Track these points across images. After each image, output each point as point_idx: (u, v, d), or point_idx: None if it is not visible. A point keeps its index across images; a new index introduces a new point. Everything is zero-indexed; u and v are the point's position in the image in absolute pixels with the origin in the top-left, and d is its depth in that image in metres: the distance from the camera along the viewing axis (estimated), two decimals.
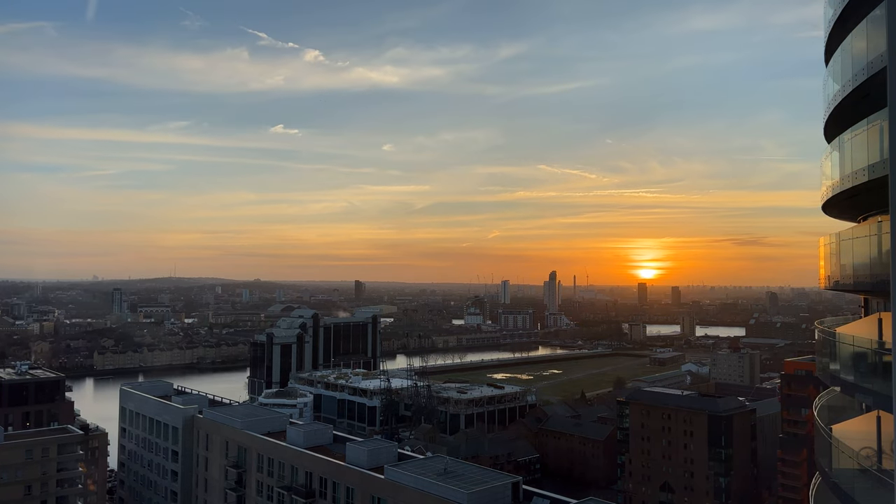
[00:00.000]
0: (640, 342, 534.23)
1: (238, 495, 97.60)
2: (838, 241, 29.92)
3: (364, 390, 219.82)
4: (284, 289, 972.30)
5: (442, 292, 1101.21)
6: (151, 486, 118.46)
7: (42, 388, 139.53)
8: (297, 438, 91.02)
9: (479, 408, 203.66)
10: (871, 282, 26.07)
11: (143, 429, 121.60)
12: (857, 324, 32.82)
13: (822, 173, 32.54)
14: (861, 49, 25.72)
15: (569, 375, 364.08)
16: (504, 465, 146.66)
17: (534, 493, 71.81)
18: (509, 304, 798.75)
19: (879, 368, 24.68)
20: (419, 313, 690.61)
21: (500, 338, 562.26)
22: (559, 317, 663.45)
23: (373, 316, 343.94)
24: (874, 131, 25.01)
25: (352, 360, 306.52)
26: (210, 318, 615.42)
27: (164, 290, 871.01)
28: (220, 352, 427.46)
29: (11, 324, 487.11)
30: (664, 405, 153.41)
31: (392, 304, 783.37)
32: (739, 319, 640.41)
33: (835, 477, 27.36)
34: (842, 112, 29.09)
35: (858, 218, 33.33)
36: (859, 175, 26.24)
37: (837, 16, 28.60)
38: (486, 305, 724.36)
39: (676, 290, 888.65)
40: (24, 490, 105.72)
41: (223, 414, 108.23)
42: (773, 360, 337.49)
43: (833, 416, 32.26)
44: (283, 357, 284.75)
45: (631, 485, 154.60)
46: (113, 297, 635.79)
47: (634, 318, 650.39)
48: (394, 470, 73.81)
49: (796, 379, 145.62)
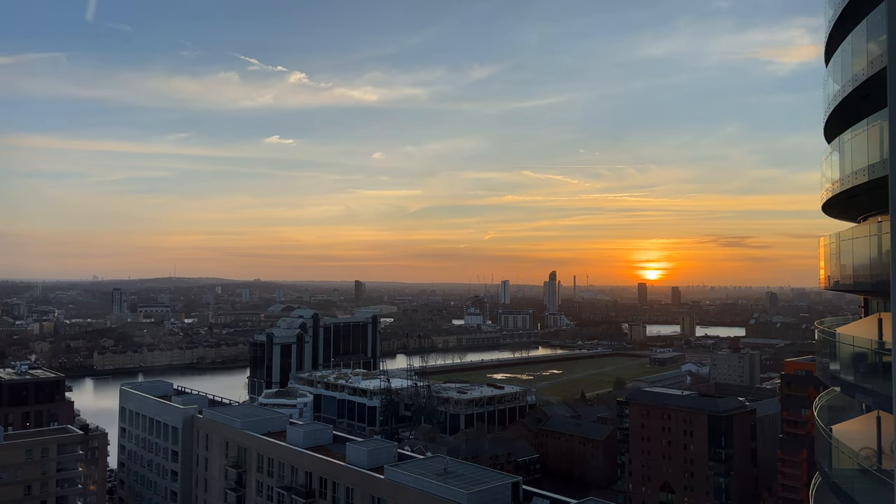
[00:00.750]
0: (640, 342, 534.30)
1: (238, 495, 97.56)
2: (838, 242, 29.90)
3: (364, 390, 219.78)
4: (284, 289, 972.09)
5: (442, 292, 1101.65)
6: (151, 486, 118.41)
7: (42, 388, 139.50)
8: (297, 438, 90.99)
9: (479, 408, 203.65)
10: (871, 282, 26.07)
11: (142, 429, 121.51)
12: (857, 324, 32.80)
13: (822, 174, 32.53)
14: (861, 49, 25.72)
15: (569, 375, 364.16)
16: (504, 465, 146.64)
17: (534, 493, 71.78)
18: (509, 304, 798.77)
19: (879, 369, 24.68)
20: (419, 313, 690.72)
21: (500, 338, 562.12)
22: (559, 317, 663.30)
23: (373, 316, 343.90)
24: (874, 131, 25.00)
25: (352, 360, 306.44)
26: (210, 318, 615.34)
27: (164, 291, 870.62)
28: (220, 352, 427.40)
29: (11, 324, 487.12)
30: (664, 405, 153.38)
31: (392, 305, 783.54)
32: (739, 320, 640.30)
33: (835, 477, 27.34)
34: (842, 112, 29.09)
35: (858, 218, 33.33)
36: (859, 175, 26.24)
37: (837, 16, 28.60)
38: (486, 305, 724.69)
39: (676, 291, 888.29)
40: (24, 490, 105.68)
41: (223, 414, 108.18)
42: (773, 360, 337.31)
43: (833, 417, 32.24)
44: (282, 357, 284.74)
45: (631, 485, 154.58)
46: (113, 297, 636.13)
47: (634, 319, 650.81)
48: (394, 470, 73.77)
49: (796, 379, 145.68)
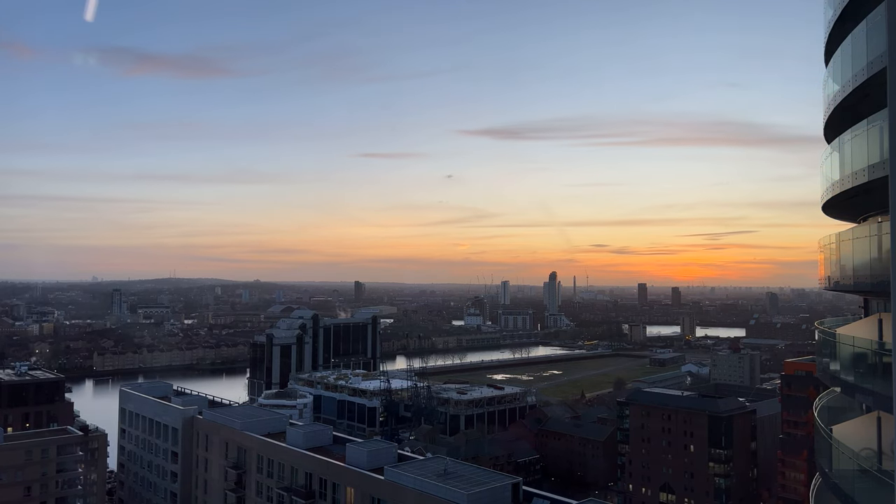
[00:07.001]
0: (640, 343, 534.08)
1: (238, 496, 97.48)
2: (838, 242, 29.87)
3: (364, 391, 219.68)
4: (284, 289, 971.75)
5: (442, 293, 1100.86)
6: (151, 488, 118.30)
7: (42, 389, 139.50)
8: (297, 439, 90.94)
9: (479, 409, 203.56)
10: (872, 282, 26.03)
11: (142, 430, 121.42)
12: (858, 324, 32.78)
13: (822, 174, 32.51)
14: (861, 49, 25.71)
15: (569, 376, 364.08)
16: (504, 465, 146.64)
17: (534, 493, 71.70)
18: (509, 304, 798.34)
19: (879, 369, 24.66)
20: (419, 314, 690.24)
21: (500, 338, 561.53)
22: (559, 317, 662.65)
23: (372, 317, 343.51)
24: (874, 132, 24.98)
25: (351, 360, 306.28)
26: (210, 319, 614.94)
27: (163, 291, 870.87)
28: (220, 353, 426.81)
29: (11, 325, 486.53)
30: (664, 406, 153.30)
31: (392, 305, 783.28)
32: (739, 320, 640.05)
33: (835, 477, 27.30)
34: (842, 112, 29.08)
35: (858, 218, 33.31)
36: (859, 176, 26.22)
37: (837, 16, 28.59)
38: (485, 306, 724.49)
39: (676, 291, 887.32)
40: (23, 491, 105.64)
41: (223, 415, 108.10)
42: (774, 360, 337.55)
43: (833, 417, 32.20)
44: (282, 358, 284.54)
45: (631, 485, 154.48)
46: (112, 298, 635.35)
47: (634, 319, 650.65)
48: (393, 471, 73.69)
49: (796, 379, 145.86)
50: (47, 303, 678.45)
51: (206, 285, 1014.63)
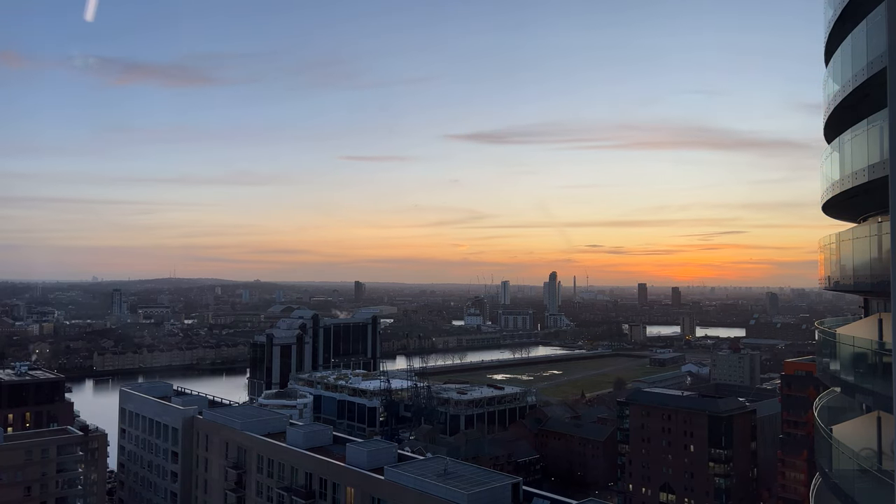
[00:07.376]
0: (640, 343, 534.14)
1: (238, 496, 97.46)
2: (838, 242, 29.86)
3: (364, 391, 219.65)
4: (284, 289, 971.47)
5: (442, 293, 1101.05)
6: (151, 488, 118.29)
7: (42, 388, 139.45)
8: (297, 439, 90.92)
9: (479, 409, 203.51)
10: (872, 282, 26.02)
11: (142, 430, 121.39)
12: (858, 324, 32.77)
13: (822, 174, 32.50)
14: (861, 49, 25.71)
15: (569, 376, 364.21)
16: (504, 465, 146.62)
17: (534, 493, 71.69)
18: (509, 304, 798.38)
19: (879, 369, 24.65)
20: (419, 314, 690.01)
21: (500, 338, 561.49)
22: (559, 317, 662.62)
23: (372, 317, 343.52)
24: (874, 132, 24.98)
25: (352, 360, 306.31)
26: (210, 319, 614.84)
27: (163, 291, 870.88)
28: (220, 353, 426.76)
29: (11, 325, 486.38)
30: (664, 406, 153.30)
31: (392, 305, 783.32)
32: (739, 320, 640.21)
33: (835, 477, 27.30)
34: (842, 112, 29.07)
35: (858, 218, 33.30)
36: (859, 176, 26.22)
37: (837, 16, 28.58)
38: (486, 306, 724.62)
39: (676, 291, 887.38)
40: (23, 491, 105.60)
41: (223, 415, 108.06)
42: (774, 360, 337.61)
43: (833, 417, 32.19)
44: (282, 358, 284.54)
45: (631, 485, 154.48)
46: (112, 298, 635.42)
47: (634, 319, 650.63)
48: (394, 471, 73.67)
49: (796, 379, 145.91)
50: (47, 303, 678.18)
51: (206, 285, 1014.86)
